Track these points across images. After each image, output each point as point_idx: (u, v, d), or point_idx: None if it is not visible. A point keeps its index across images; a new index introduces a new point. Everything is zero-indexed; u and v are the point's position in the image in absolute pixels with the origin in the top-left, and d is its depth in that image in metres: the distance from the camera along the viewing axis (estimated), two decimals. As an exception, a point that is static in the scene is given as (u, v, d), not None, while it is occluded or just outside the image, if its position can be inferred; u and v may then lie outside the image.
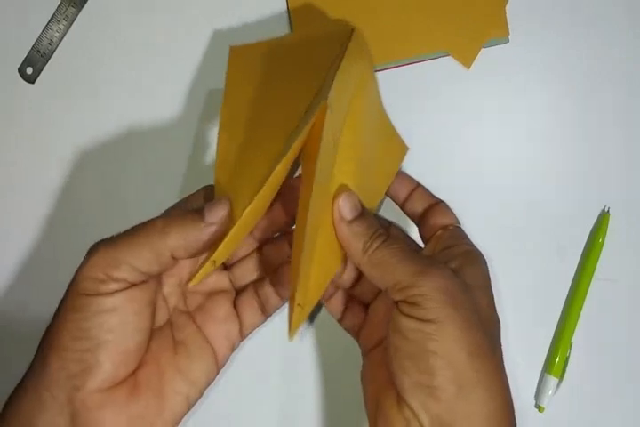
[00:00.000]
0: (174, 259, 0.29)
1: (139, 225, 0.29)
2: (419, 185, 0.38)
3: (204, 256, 0.31)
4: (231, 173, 0.33)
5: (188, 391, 0.30)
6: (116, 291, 0.28)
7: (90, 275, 0.27)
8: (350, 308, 0.37)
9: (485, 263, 0.32)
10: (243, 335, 0.34)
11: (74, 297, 0.28)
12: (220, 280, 0.35)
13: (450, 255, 0.32)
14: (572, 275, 0.41)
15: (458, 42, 0.41)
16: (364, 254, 0.31)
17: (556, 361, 0.40)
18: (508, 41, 0.42)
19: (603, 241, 0.40)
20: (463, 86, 0.42)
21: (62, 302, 0.28)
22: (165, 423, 0.30)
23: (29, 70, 0.43)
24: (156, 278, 0.30)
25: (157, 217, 0.30)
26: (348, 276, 0.35)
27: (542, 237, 0.42)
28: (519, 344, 0.41)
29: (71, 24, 0.43)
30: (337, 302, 0.36)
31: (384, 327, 0.31)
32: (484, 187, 0.42)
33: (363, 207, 0.32)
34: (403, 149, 0.40)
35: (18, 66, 0.43)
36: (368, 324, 0.35)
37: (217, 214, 0.29)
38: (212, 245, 0.30)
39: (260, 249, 0.37)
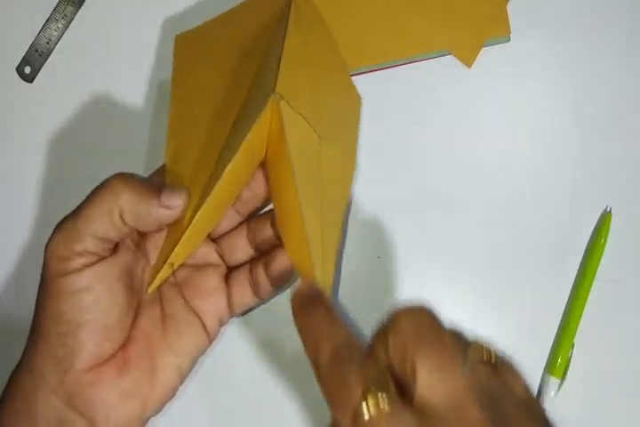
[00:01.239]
0: (125, 223, 0.28)
1: (97, 186, 0.29)
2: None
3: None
4: (183, 164, 0.33)
5: (179, 364, 0.30)
6: (83, 267, 0.27)
7: (54, 254, 0.27)
8: None
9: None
10: (232, 311, 0.33)
11: (46, 281, 0.28)
12: (208, 253, 0.34)
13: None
14: (574, 275, 0.41)
15: (459, 41, 0.41)
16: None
17: (557, 362, 0.40)
18: (510, 40, 0.41)
19: (605, 241, 0.40)
20: (464, 85, 0.42)
21: (39, 285, 0.28)
22: (159, 397, 0.30)
23: (27, 69, 0.42)
24: (126, 252, 0.30)
25: (110, 184, 0.29)
26: None
27: (543, 238, 0.41)
28: (520, 345, 0.40)
29: (69, 23, 0.42)
30: None
31: None
32: (485, 186, 0.42)
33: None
34: (358, 100, 0.40)
35: (16, 65, 0.43)
36: None
37: (174, 201, 0.29)
38: (162, 229, 0.30)
39: (248, 225, 0.35)
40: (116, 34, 0.43)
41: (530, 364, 0.41)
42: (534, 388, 0.41)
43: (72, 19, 0.42)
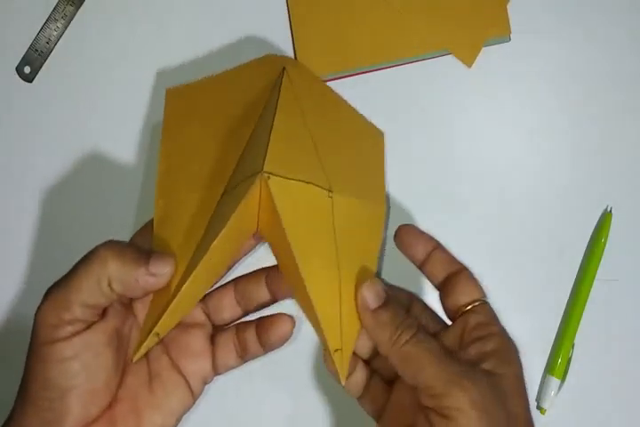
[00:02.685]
0: (113, 291, 0.29)
1: (86, 255, 0.29)
2: (438, 245, 0.34)
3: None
4: (171, 227, 0.33)
5: (164, 423, 0.31)
6: (72, 335, 0.28)
7: (44, 322, 0.28)
8: (371, 385, 0.34)
9: (518, 356, 0.31)
10: (216, 373, 0.34)
11: (35, 347, 0.28)
12: (194, 313, 0.34)
13: (482, 352, 0.30)
14: (574, 275, 0.41)
15: (459, 40, 0.41)
16: (392, 346, 0.30)
17: (557, 362, 0.40)
18: (510, 39, 0.41)
19: (605, 241, 0.40)
20: (464, 85, 0.42)
21: (28, 350, 0.29)
22: None
23: (27, 69, 0.42)
24: (114, 315, 0.30)
25: (97, 253, 0.29)
26: (363, 345, 0.33)
27: (544, 238, 0.41)
28: (521, 345, 0.40)
29: (69, 23, 0.42)
30: (356, 376, 0.33)
31: (411, 413, 0.30)
32: (485, 186, 0.42)
33: (388, 294, 0.32)
34: (380, 135, 0.40)
35: (16, 65, 0.42)
36: (392, 406, 0.33)
37: (161, 269, 0.30)
38: (150, 293, 0.31)
39: (235, 283, 0.35)
40: (114, 34, 0.43)
41: (530, 364, 0.41)
42: (534, 388, 0.41)
43: (72, 18, 0.42)
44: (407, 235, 0.34)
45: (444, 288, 0.34)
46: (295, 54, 0.42)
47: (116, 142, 0.42)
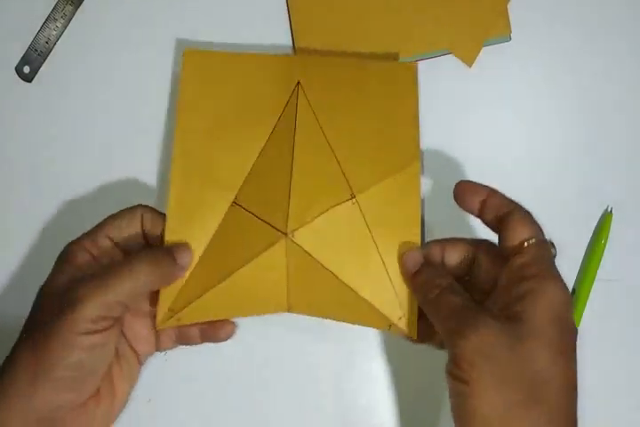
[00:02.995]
0: (151, 289, 0.35)
1: (126, 261, 0.34)
2: (491, 192, 0.35)
3: None
4: (182, 217, 0.36)
5: (128, 388, 0.37)
6: (106, 328, 0.33)
7: (86, 316, 0.32)
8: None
9: (557, 297, 0.31)
10: (157, 351, 0.39)
11: (69, 335, 0.32)
12: (142, 303, 0.38)
13: (514, 296, 0.31)
14: (575, 276, 0.41)
15: (460, 40, 0.41)
16: (424, 304, 0.34)
17: (557, 362, 0.40)
18: (510, 39, 0.41)
19: (605, 242, 0.40)
20: (465, 84, 0.42)
21: (53, 336, 0.32)
22: (117, 413, 0.36)
23: (27, 69, 0.42)
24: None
25: (135, 259, 0.34)
26: None
27: (544, 238, 0.41)
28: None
29: (68, 22, 0.42)
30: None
31: None
32: (486, 186, 0.42)
33: (425, 259, 0.36)
34: (411, 70, 0.39)
35: (15, 65, 0.42)
36: None
37: (185, 260, 0.36)
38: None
39: None
40: (114, 33, 0.43)
41: (530, 364, 0.41)
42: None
43: (71, 18, 0.42)
44: (464, 192, 0.36)
45: (498, 233, 0.35)
46: (295, 54, 0.42)
47: (115, 142, 0.42)
